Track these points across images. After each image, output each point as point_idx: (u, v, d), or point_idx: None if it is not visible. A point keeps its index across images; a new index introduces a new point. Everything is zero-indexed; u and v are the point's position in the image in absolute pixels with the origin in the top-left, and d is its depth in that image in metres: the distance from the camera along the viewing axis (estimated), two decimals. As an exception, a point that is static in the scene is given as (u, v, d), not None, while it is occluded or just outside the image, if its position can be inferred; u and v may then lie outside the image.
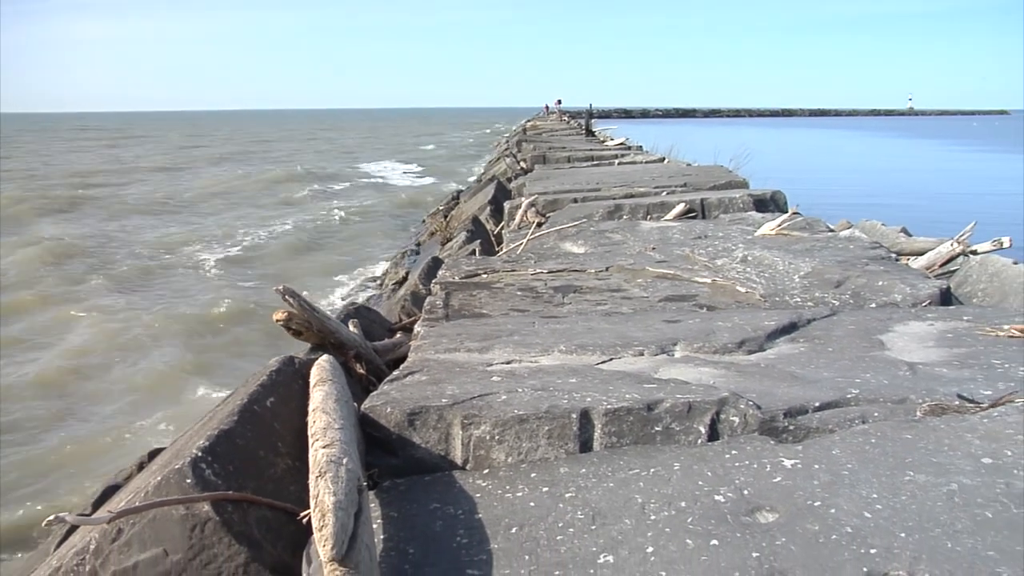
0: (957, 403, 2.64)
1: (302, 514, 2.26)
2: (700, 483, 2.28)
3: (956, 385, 2.80)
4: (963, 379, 2.88)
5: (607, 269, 5.23)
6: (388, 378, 3.12)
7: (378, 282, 12.81)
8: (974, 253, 6.13)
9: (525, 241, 6.54)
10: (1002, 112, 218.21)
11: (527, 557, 2.03)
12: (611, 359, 3.28)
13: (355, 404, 2.77)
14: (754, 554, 1.92)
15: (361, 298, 10.98)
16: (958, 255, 6.19)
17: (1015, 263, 5.72)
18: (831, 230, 6.67)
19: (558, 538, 2.10)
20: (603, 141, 23.65)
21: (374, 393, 2.89)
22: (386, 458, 2.63)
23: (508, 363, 3.26)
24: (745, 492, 2.20)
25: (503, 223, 9.39)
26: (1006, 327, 3.48)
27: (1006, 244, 6.12)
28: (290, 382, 3.02)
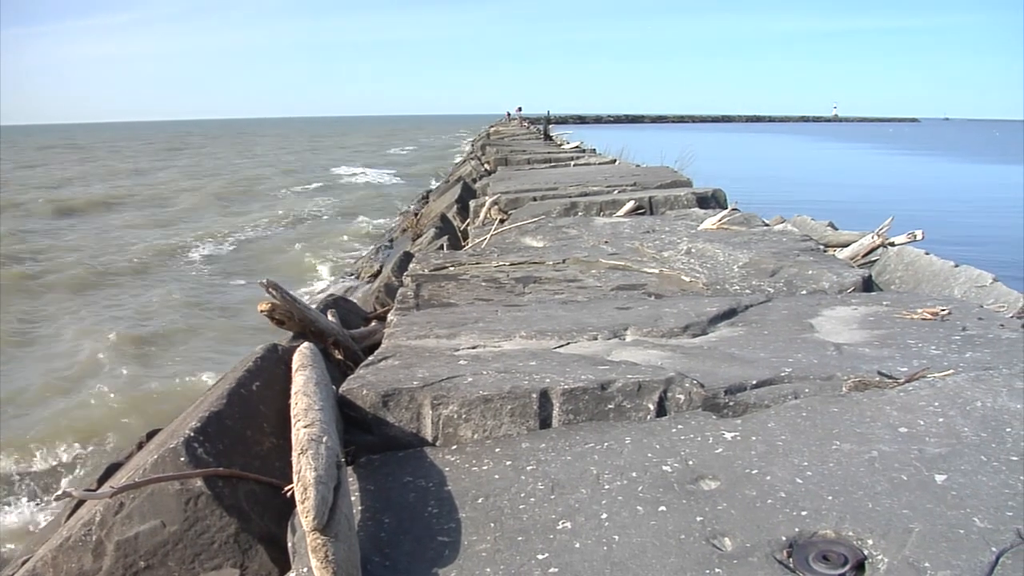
0: (878, 379, 2.69)
1: (286, 488, 2.24)
2: (649, 455, 2.30)
3: (877, 363, 2.85)
4: (883, 357, 2.93)
5: (564, 261, 5.23)
6: (364, 363, 3.09)
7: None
8: (892, 245, 6.25)
9: (489, 236, 6.52)
10: (913, 120, 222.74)
11: (492, 525, 2.03)
12: (568, 343, 3.29)
13: (334, 387, 2.75)
14: (698, 518, 1.94)
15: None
16: (878, 247, 6.30)
17: (927, 254, 5.85)
18: (766, 224, 6.75)
19: (520, 507, 2.10)
20: (560, 145, 23.60)
21: (351, 377, 2.86)
22: (363, 436, 2.61)
23: (474, 348, 3.25)
24: (690, 463, 2.23)
25: (469, 220, 9.34)
26: (919, 311, 3.56)
27: (919, 236, 6.25)
28: (274, 367, 3.00)
